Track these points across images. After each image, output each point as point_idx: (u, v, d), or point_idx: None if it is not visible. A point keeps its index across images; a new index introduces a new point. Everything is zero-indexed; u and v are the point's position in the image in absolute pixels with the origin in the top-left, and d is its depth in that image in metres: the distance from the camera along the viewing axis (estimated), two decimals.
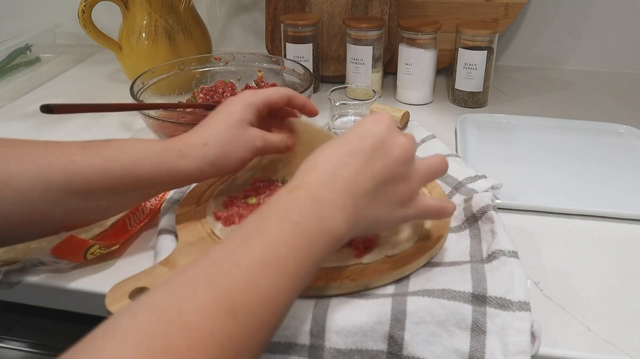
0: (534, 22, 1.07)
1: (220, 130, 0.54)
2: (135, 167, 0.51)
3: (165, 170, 0.52)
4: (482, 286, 0.47)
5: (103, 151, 0.51)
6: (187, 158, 0.53)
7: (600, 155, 0.75)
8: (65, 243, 0.51)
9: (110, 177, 0.50)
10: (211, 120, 0.56)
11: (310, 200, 0.42)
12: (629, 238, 0.59)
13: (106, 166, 0.50)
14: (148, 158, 0.51)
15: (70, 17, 1.19)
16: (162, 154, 0.52)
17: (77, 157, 0.49)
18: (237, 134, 0.55)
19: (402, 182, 0.46)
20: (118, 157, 0.50)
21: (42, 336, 0.60)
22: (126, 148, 0.51)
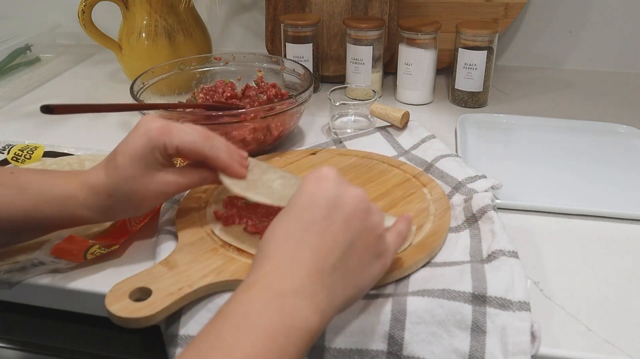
0: (534, 22, 1.07)
1: (125, 178, 0.50)
2: (34, 213, 0.49)
3: (67, 218, 0.51)
4: (482, 286, 0.47)
5: (2, 191, 0.49)
6: (90, 209, 0.50)
7: (600, 155, 0.75)
8: (65, 243, 0.51)
9: (9, 220, 0.49)
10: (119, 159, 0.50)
11: (270, 297, 0.37)
12: (629, 238, 0.59)
13: (3, 209, 0.48)
14: (49, 205, 0.49)
15: (70, 17, 1.19)
16: (63, 202, 0.50)
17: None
18: (145, 183, 0.50)
19: (368, 234, 0.42)
20: (17, 202, 0.49)
21: (42, 336, 0.60)
22: (28, 191, 0.49)
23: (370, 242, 0.42)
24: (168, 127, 0.50)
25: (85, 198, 0.50)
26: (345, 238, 0.40)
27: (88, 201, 0.50)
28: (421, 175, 0.66)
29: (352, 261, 0.41)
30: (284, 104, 0.71)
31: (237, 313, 0.36)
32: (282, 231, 0.41)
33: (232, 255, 0.52)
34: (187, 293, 0.47)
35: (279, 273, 0.38)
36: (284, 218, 0.41)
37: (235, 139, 0.70)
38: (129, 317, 0.44)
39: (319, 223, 0.40)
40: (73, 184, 0.51)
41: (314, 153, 0.72)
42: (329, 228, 0.40)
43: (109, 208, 0.51)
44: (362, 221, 0.42)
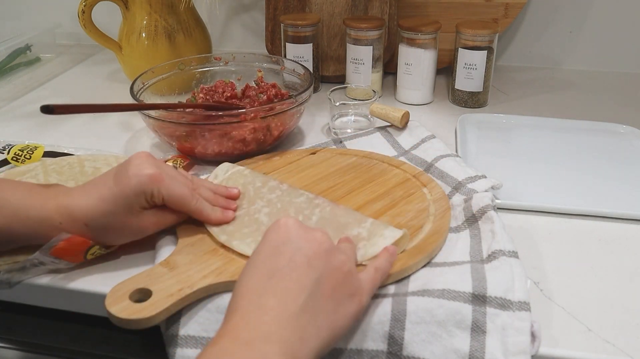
0: (534, 22, 1.07)
1: (105, 213, 0.50)
2: (8, 230, 0.50)
3: (42, 238, 0.50)
4: (482, 286, 0.47)
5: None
6: (63, 234, 0.50)
7: (600, 155, 0.75)
8: (65, 243, 0.51)
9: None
10: (103, 192, 0.50)
11: (238, 346, 0.37)
12: (629, 238, 0.59)
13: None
14: (22, 225, 0.50)
15: (70, 17, 1.19)
16: (39, 223, 0.50)
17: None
18: (124, 221, 0.51)
19: (334, 273, 0.42)
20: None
21: (42, 336, 0.60)
22: (3, 209, 0.49)
23: (339, 281, 0.42)
24: (160, 176, 0.51)
25: (61, 222, 0.50)
26: (310, 280, 0.40)
27: (63, 226, 0.50)
28: (421, 175, 0.66)
29: (322, 302, 0.40)
30: (284, 104, 0.71)
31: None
32: (248, 282, 0.41)
33: (232, 256, 0.52)
34: (187, 294, 0.46)
35: (245, 322, 0.38)
36: (249, 271, 0.42)
37: (235, 139, 0.70)
38: (129, 318, 0.44)
39: (281, 270, 0.41)
40: (50, 205, 0.50)
41: (314, 153, 0.72)
42: (293, 273, 0.41)
43: (83, 236, 0.51)
44: (326, 262, 0.42)
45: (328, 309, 0.41)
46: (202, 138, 0.70)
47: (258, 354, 0.36)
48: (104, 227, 0.51)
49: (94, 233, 0.51)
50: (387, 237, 0.51)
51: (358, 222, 0.54)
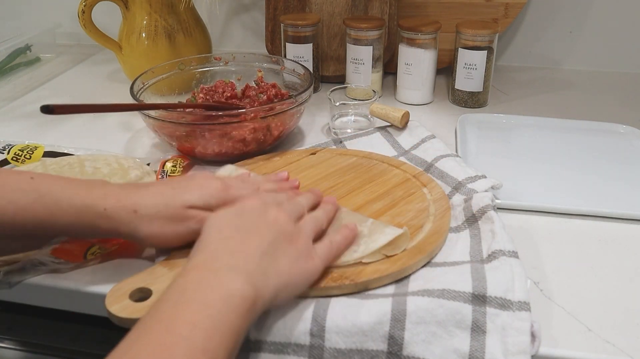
0: (534, 22, 1.07)
1: (156, 203, 0.49)
2: (50, 221, 0.47)
3: (82, 227, 0.48)
4: (482, 286, 0.47)
5: (19, 197, 0.47)
6: (109, 219, 0.48)
7: (600, 155, 0.75)
8: (65, 243, 0.51)
9: (21, 225, 0.47)
10: (159, 187, 0.52)
11: (204, 273, 0.41)
12: (629, 238, 0.59)
13: (17, 214, 0.47)
14: (66, 214, 0.48)
15: (70, 17, 1.19)
16: (82, 211, 0.48)
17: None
18: (173, 214, 0.50)
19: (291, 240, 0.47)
20: (34, 208, 0.47)
21: (42, 336, 0.60)
22: (45, 198, 0.47)
23: (296, 244, 0.47)
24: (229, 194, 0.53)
25: (108, 208, 0.48)
26: (272, 238, 0.46)
27: (110, 212, 0.48)
28: (421, 175, 0.66)
29: (280, 255, 0.45)
30: (284, 104, 0.71)
31: (175, 291, 0.40)
32: (216, 232, 0.46)
33: None
34: None
35: (213, 257, 0.43)
36: (219, 221, 0.47)
37: (235, 139, 0.70)
38: (129, 317, 0.44)
39: (244, 226, 0.46)
40: (96, 193, 0.49)
41: (314, 153, 0.72)
42: (254, 229, 0.46)
43: (128, 226, 0.49)
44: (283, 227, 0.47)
45: (286, 260, 0.45)
46: (202, 138, 0.70)
47: (224, 281, 0.40)
48: (153, 215, 0.49)
49: (139, 221, 0.49)
50: (387, 234, 0.52)
51: (359, 222, 0.54)
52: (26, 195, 0.47)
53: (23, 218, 0.47)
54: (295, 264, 0.46)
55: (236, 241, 0.45)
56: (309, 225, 0.50)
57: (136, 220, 0.49)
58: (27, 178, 0.49)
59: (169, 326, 0.37)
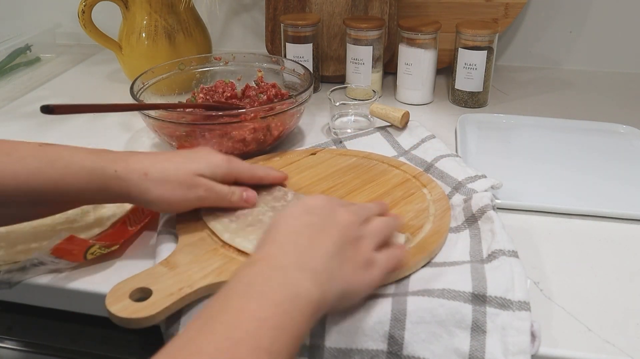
0: (534, 22, 1.07)
1: (166, 167, 0.52)
2: (61, 184, 0.49)
3: (94, 189, 0.50)
4: (482, 285, 0.47)
5: (30, 161, 0.48)
6: (121, 181, 0.50)
7: (600, 155, 0.75)
8: (65, 243, 0.51)
9: (34, 190, 0.48)
10: (168, 155, 0.54)
11: (274, 269, 0.40)
12: (629, 238, 0.59)
13: (30, 179, 0.48)
14: (77, 176, 0.49)
15: (70, 17, 1.19)
16: (93, 173, 0.49)
17: (0, 166, 0.47)
18: (182, 178, 0.52)
19: (358, 244, 0.45)
20: (45, 171, 0.48)
21: (42, 336, 0.60)
22: (56, 161, 0.49)
23: (360, 251, 0.45)
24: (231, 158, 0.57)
25: (118, 170, 0.50)
26: (338, 240, 0.44)
27: (120, 173, 0.50)
28: (421, 176, 0.66)
29: (345, 260, 0.43)
30: (284, 104, 0.71)
31: (242, 283, 0.39)
32: (285, 225, 0.44)
33: (232, 255, 0.52)
34: (187, 293, 0.46)
35: (281, 252, 0.42)
36: (288, 216, 0.45)
37: (235, 139, 0.70)
38: (129, 317, 0.44)
39: (315, 224, 0.44)
40: (107, 157, 0.51)
41: (314, 154, 0.72)
42: (324, 230, 0.44)
43: (138, 187, 0.50)
44: (351, 233, 0.45)
45: (348, 268, 0.43)
46: (202, 138, 0.70)
47: (292, 279, 0.39)
48: (162, 179, 0.51)
49: (149, 183, 0.51)
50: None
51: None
52: (37, 160, 0.48)
53: (35, 182, 0.48)
54: (358, 272, 0.44)
55: (305, 239, 0.43)
56: (376, 229, 0.48)
57: (147, 182, 0.50)
58: (35, 145, 0.50)
59: (236, 320, 0.35)
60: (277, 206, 0.58)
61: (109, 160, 0.51)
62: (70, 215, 0.60)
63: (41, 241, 0.56)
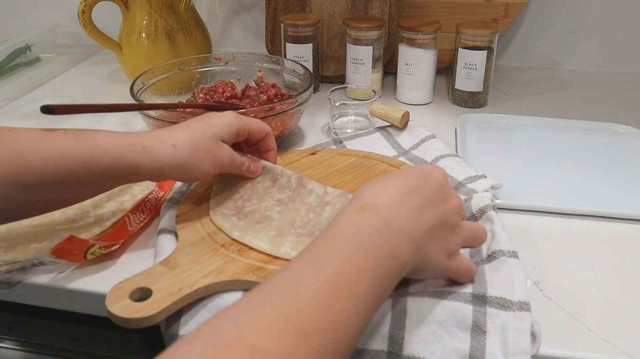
0: (534, 22, 1.07)
1: (192, 137, 0.53)
2: (90, 163, 0.49)
3: (124, 165, 0.50)
4: (482, 286, 0.47)
5: (58, 144, 0.49)
6: (150, 155, 0.51)
7: (600, 155, 0.75)
8: (65, 243, 0.51)
9: (64, 171, 0.48)
10: (186, 124, 0.55)
11: (381, 223, 0.41)
12: (629, 238, 0.59)
13: (58, 160, 0.48)
14: (106, 153, 0.50)
15: (70, 17, 1.19)
16: (122, 150, 0.50)
17: (28, 150, 0.48)
18: (209, 145, 0.54)
19: (452, 232, 0.46)
20: (73, 151, 0.49)
21: (42, 336, 0.60)
22: (83, 141, 0.50)
23: (450, 238, 0.46)
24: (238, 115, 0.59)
25: (147, 145, 0.51)
26: (440, 217, 0.44)
27: (149, 148, 0.51)
28: None
29: (437, 238, 0.44)
30: (284, 104, 0.71)
31: (351, 227, 0.40)
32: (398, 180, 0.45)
33: (232, 255, 0.52)
34: (187, 293, 0.46)
35: (390, 206, 0.42)
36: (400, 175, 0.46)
37: None
38: (129, 317, 0.44)
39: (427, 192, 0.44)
40: (133, 134, 0.52)
41: (314, 153, 0.72)
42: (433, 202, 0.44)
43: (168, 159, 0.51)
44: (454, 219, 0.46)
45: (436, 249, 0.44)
46: None
47: (394, 239, 0.40)
48: (191, 149, 0.52)
49: (179, 154, 0.52)
50: None
51: None
52: (64, 142, 0.49)
53: (64, 163, 0.48)
54: (439, 256, 0.45)
55: (415, 202, 0.43)
56: (470, 230, 0.48)
57: (177, 153, 0.52)
58: (61, 131, 0.51)
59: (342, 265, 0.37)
60: (283, 198, 0.58)
61: (134, 137, 0.52)
62: (70, 215, 0.60)
63: (41, 241, 0.56)
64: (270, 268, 0.50)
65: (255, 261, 0.51)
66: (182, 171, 0.53)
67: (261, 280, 0.48)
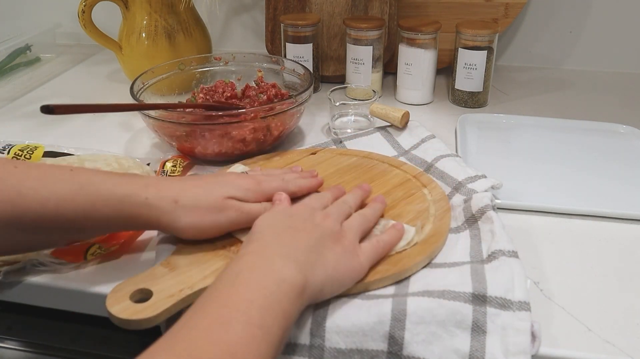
0: (534, 22, 1.07)
1: (196, 194, 0.51)
2: (91, 211, 0.47)
3: (124, 218, 0.49)
4: (482, 286, 0.47)
5: (60, 187, 0.47)
6: (151, 209, 0.49)
7: (600, 155, 0.75)
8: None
9: (63, 217, 0.47)
10: (194, 180, 0.53)
11: (259, 259, 0.44)
12: (629, 238, 0.59)
13: (59, 206, 0.46)
14: (108, 203, 0.48)
15: (70, 17, 1.19)
16: (123, 201, 0.48)
17: (28, 191, 0.46)
18: (212, 203, 0.51)
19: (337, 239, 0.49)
20: (74, 199, 0.47)
21: (42, 336, 0.60)
22: (87, 188, 0.48)
23: (342, 243, 0.49)
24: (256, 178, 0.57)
25: (149, 198, 0.49)
26: (319, 236, 0.48)
27: (151, 201, 0.49)
28: (421, 176, 0.66)
29: (326, 250, 0.47)
30: (284, 104, 0.71)
31: (230, 274, 0.42)
32: (269, 226, 0.49)
33: (232, 256, 0.52)
34: (187, 294, 0.46)
35: (265, 247, 0.46)
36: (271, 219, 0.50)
37: (235, 139, 0.70)
38: (130, 319, 0.44)
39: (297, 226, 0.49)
40: (138, 183, 0.50)
41: (314, 153, 0.72)
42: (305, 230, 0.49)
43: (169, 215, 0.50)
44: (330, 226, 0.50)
45: (331, 256, 0.47)
46: (202, 138, 0.70)
47: (277, 267, 0.43)
48: (194, 206, 0.50)
49: (181, 211, 0.50)
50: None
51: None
52: (68, 186, 0.47)
53: (65, 209, 0.47)
54: (342, 260, 0.48)
55: (287, 236, 0.47)
56: (355, 224, 0.52)
57: (177, 210, 0.50)
58: (67, 170, 0.49)
59: (226, 302, 0.39)
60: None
61: (139, 186, 0.50)
62: None
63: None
64: None
65: None
66: (180, 229, 0.50)
67: None
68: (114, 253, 0.56)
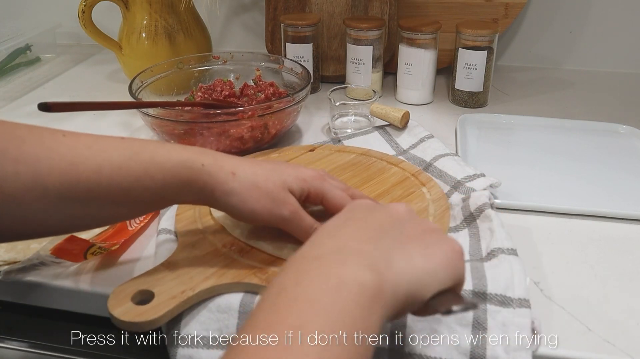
0: (534, 22, 1.07)
1: (255, 172, 0.48)
2: (144, 178, 0.44)
3: (178, 184, 0.46)
4: (482, 284, 0.47)
5: (113, 154, 0.44)
6: (207, 176, 0.46)
7: (600, 155, 0.75)
8: (65, 243, 0.51)
9: (118, 186, 0.44)
10: (255, 160, 0.51)
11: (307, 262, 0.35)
12: (629, 238, 0.59)
13: (113, 173, 0.44)
14: (162, 169, 0.45)
15: (70, 17, 1.19)
16: (179, 166, 0.45)
17: (82, 160, 0.43)
18: (271, 188, 0.47)
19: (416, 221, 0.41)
20: (129, 166, 0.44)
21: (42, 336, 0.60)
22: (140, 155, 0.45)
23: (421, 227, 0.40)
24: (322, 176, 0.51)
25: (206, 164, 0.46)
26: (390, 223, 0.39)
27: (208, 168, 0.46)
28: (420, 174, 0.66)
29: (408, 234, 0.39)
30: (281, 102, 0.71)
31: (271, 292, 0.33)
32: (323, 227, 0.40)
33: (233, 256, 0.51)
34: (189, 296, 0.46)
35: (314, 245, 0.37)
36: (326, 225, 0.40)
37: (233, 137, 0.70)
38: (132, 321, 0.43)
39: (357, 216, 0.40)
40: (192, 151, 0.47)
41: (312, 150, 0.72)
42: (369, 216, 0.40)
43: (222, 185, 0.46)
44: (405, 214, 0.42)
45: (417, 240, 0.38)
46: (201, 136, 0.70)
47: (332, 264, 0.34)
48: (250, 184, 0.47)
49: (235, 184, 0.46)
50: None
51: None
52: (121, 153, 0.45)
53: (119, 176, 0.44)
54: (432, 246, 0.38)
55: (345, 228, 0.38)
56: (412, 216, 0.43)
57: (234, 182, 0.46)
58: (118, 139, 0.47)
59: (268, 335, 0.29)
60: None
61: (195, 153, 0.47)
62: None
63: (41, 241, 0.56)
64: (271, 270, 0.50)
65: (257, 262, 0.51)
66: (232, 205, 0.47)
67: (263, 282, 0.48)
68: (114, 253, 0.56)
